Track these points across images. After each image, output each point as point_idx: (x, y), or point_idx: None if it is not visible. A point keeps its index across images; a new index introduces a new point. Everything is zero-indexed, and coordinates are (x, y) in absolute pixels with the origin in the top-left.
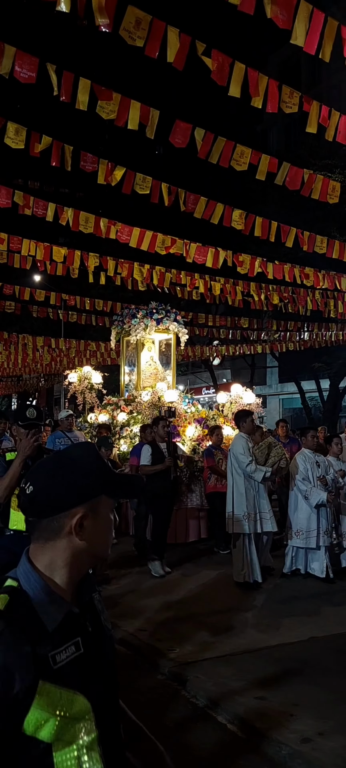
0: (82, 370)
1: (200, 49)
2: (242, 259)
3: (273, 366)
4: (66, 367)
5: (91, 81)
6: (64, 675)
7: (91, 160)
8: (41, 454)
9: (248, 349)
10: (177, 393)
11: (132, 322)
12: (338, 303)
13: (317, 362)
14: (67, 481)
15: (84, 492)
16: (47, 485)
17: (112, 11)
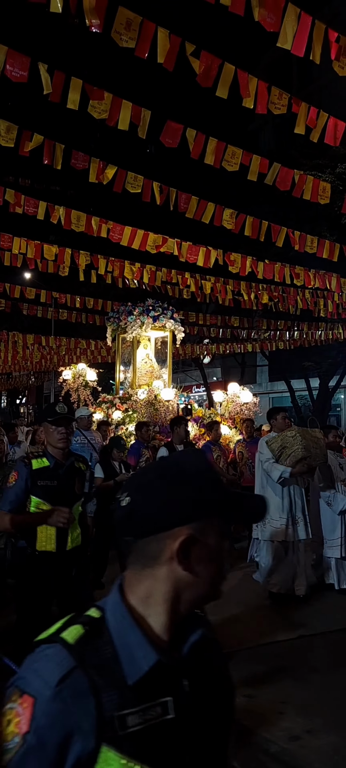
0: (76, 367)
1: (189, 50)
2: (233, 258)
3: (263, 365)
4: (56, 365)
5: (83, 80)
6: (137, 743)
7: (82, 158)
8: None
9: (238, 348)
10: (174, 391)
11: (128, 320)
12: (327, 302)
13: (306, 361)
14: (173, 494)
15: (192, 510)
16: (148, 498)
17: (102, 12)
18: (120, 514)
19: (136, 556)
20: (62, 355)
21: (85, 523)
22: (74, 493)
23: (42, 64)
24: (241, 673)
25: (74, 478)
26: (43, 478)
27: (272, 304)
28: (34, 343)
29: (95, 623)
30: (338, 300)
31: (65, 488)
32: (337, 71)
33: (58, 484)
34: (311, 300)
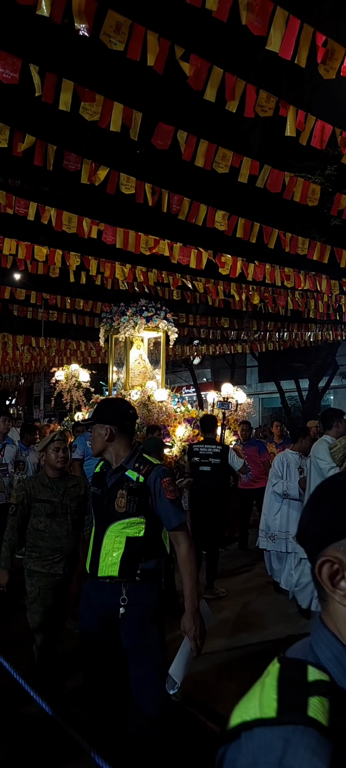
0: (69, 368)
1: (178, 53)
2: (224, 260)
3: (253, 366)
4: (46, 366)
5: (74, 82)
6: None
7: (74, 159)
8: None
9: (228, 349)
10: (167, 392)
11: (121, 320)
12: (318, 303)
13: (296, 362)
14: (332, 508)
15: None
16: (314, 513)
17: (91, 15)
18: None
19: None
20: (52, 356)
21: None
22: (114, 510)
23: (33, 65)
24: (231, 674)
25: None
26: (95, 483)
27: (262, 306)
28: (24, 344)
29: (332, 689)
30: (328, 301)
31: (108, 501)
32: (322, 74)
33: (101, 494)
34: (302, 301)
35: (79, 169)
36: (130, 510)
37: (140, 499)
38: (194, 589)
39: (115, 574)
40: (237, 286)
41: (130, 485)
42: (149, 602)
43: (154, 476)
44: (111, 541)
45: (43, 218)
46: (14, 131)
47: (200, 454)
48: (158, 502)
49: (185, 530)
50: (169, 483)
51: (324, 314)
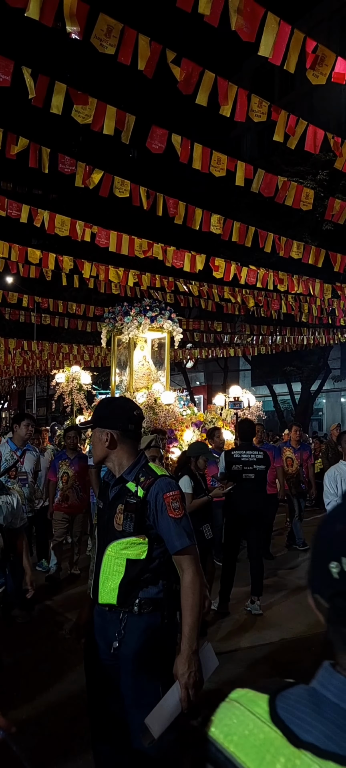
0: (70, 369)
1: (170, 57)
2: (218, 264)
3: (246, 369)
4: (39, 370)
5: (67, 85)
6: None
7: (69, 162)
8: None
9: (221, 353)
10: (174, 395)
11: (125, 320)
12: (311, 307)
13: (288, 366)
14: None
15: None
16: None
17: (83, 19)
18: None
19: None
20: (45, 360)
21: None
22: (113, 527)
23: (26, 68)
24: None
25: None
26: (101, 497)
27: (255, 309)
28: (16, 348)
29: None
30: (321, 305)
31: (108, 517)
32: (311, 80)
33: (103, 508)
34: (295, 305)
35: (74, 172)
36: (127, 529)
37: (138, 516)
38: (194, 627)
39: (114, 601)
40: (230, 289)
41: (128, 499)
42: (147, 638)
43: (155, 490)
44: (110, 563)
45: (36, 221)
46: (7, 133)
47: (242, 461)
48: (160, 520)
49: (190, 556)
50: (174, 498)
51: (317, 318)
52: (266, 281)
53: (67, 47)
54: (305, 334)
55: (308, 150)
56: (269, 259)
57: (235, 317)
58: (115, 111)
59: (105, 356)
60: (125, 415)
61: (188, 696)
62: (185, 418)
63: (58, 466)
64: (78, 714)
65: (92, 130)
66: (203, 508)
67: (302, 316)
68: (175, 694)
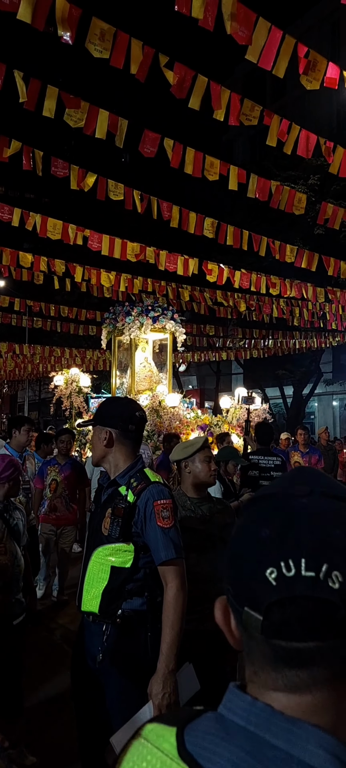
0: (69, 372)
1: (163, 62)
2: (211, 267)
3: (238, 373)
4: (30, 374)
5: (59, 89)
6: None
7: (62, 165)
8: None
9: (213, 356)
10: (179, 397)
11: (126, 320)
12: (302, 311)
13: (280, 369)
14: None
15: None
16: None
17: (74, 24)
18: (329, 602)
19: (338, 665)
20: (36, 364)
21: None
22: (100, 532)
23: (18, 72)
24: None
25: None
26: (94, 500)
27: (247, 313)
28: (7, 352)
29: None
30: (312, 308)
31: (98, 521)
32: (305, 85)
33: (95, 511)
34: (286, 309)
35: (67, 176)
36: (113, 533)
37: (125, 521)
38: (172, 644)
39: (96, 610)
40: (222, 293)
41: (117, 503)
42: (129, 653)
43: (146, 496)
44: (95, 568)
45: (28, 224)
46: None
47: (260, 466)
48: (148, 527)
49: (175, 568)
50: (165, 507)
51: (308, 322)
52: (259, 285)
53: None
54: (297, 338)
55: (300, 154)
56: (261, 263)
57: (227, 321)
58: (107, 115)
59: (97, 360)
60: (127, 415)
61: None
62: (190, 420)
63: (46, 472)
64: (69, 720)
65: (84, 135)
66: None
67: (294, 320)
68: (146, 714)
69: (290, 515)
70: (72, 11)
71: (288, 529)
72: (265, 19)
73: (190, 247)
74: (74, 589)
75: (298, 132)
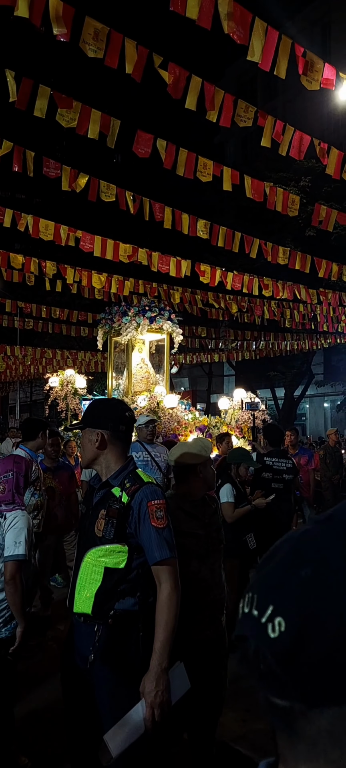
0: (64, 373)
1: (157, 62)
2: (204, 269)
3: (230, 374)
4: (22, 375)
5: (51, 88)
6: None
7: (54, 166)
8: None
9: (205, 358)
10: (177, 398)
11: (123, 321)
12: (293, 313)
13: (272, 371)
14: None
15: None
16: (325, 614)
17: (69, 21)
18: (267, 650)
19: (310, 740)
20: (28, 365)
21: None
22: (93, 533)
23: (9, 71)
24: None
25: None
26: (85, 501)
27: (239, 315)
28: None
29: None
30: (304, 310)
31: (90, 522)
32: (305, 85)
33: (86, 513)
34: (278, 310)
35: (59, 176)
36: (107, 535)
37: (119, 522)
38: (166, 643)
39: (89, 611)
40: (214, 295)
41: (111, 504)
42: (121, 653)
43: (140, 496)
44: (88, 570)
45: (20, 225)
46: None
47: (273, 468)
48: (142, 527)
49: (169, 568)
50: (158, 507)
51: (300, 324)
52: (251, 286)
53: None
54: (288, 340)
55: (294, 156)
56: (253, 265)
57: (219, 323)
58: (100, 115)
59: (89, 362)
60: (117, 416)
61: (153, 716)
62: (188, 422)
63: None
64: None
65: (76, 136)
66: (246, 517)
67: (286, 322)
68: (139, 712)
69: (282, 542)
70: (66, 9)
71: (270, 558)
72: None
73: (181, 249)
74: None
75: (292, 133)
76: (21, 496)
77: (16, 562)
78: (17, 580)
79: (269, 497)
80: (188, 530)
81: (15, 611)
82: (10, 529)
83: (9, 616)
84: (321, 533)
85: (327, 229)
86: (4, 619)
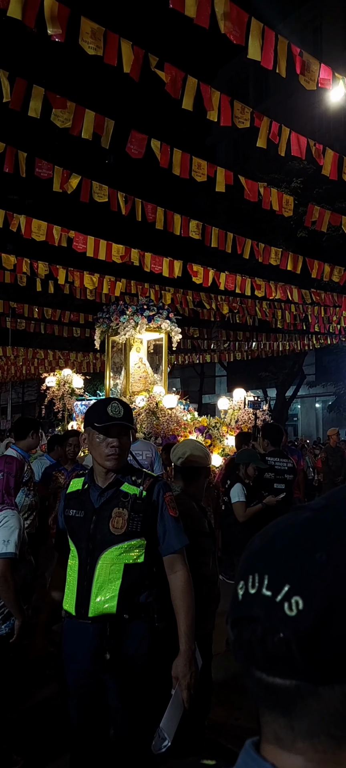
0: (61, 373)
1: (153, 63)
2: (196, 269)
3: (222, 375)
4: (14, 376)
5: (45, 89)
6: None
7: (46, 166)
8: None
9: (197, 359)
10: (176, 399)
11: (120, 320)
12: (285, 313)
13: (264, 371)
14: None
15: None
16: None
17: (64, 21)
18: (286, 633)
19: (315, 717)
20: (20, 366)
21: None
22: (109, 532)
23: (2, 71)
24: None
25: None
26: (73, 505)
27: (231, 315)
28: None
29: None
30: (296, 311)
31: (97, 524)
32: (304, 85)
33: (85, 516)
34: (269, 311)
35: (51, 177)
36: (134, 528)
37: (145, 516)
38: (192, 626)
39: (113, 611)
40: (206, 295)
41: (132, 501)
42: (138, 645)
43: (157, 489)
44: (106, 571)
45: (12, 226)
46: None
47: (275, 469)
48: (160, 519)
49: (183, 555)
50: (172, 499)
51: (291, 324)
52: (244, 287)
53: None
54: (280, 340)
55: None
56: (245, 265)
57: (211, 323)
58: (93, 115)
59: (81, 362)
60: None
61: (190, 696)
62: (187, 422)
63: (52, 477)
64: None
65: (68, 137)
66: (257, 516)
67: (277, 323)
68: (178, 696)
69: (285, 527)
70: (61, 9)
71: (273, 541)
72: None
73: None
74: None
75: (288, 134)
76: (11, 497)
77: (7, 560)
78: (8, 577)
79: (279, 495)
80: (203, 529)
81: (10, 607)
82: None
83: (7, 613)
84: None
85: (321, 229)
86: (3, 616)
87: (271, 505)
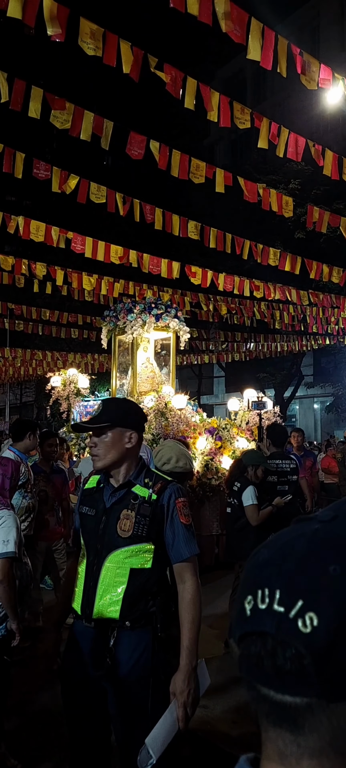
0: (66, 373)
1: (152, 63)
2: (195, 270)
3: (220, 376)
4: (11, 377)
5: (44, 90)
6: None
7: (44, 168)
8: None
9: (195, 359)
10: (185, 399)
11: (128, 318)
12: (283, 314)
13: (262, 372)
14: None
15: None
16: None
17: (64, 21)
18: (299, 645)
19: (324, 734)
20: (18, 367)
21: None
22: (116, 534)
23: (2, 72)
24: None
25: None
26: (87, 502)
27: (228, 316)
28: None
29: None
30: (294, 312)
31: (106, 524)
32: (305, 85)
33: (96, 515)
34: (268, 312)
35: (49, 178)
36: (140, 532)
37: (152, 520)
38: (195, 641)
39: (116, 616)
40: (205, 296)
41: (139, 503)
42: (139, 655)
43: (168, 493)
44: (111, 573)
45: (10, 227)
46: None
47: (278, 471)
48: (169, 525)
49: (194, 565)
50: (184, 505)
51: (289, 325)
52: (242, 288)
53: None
54: (278, 341)
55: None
56: (243, 266)
57: (209, 324)
58: (92, 116)
59: (79, 363)
60: (143, 416)
61: (186, 715)
62: (197, 424)
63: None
64: (50, 725)
65: (66, 138)
66: (269, 518)
67: (275, 323)
68: (173, 713)
69: (293, 538)
70: (61, 10)
71: (283, 555)
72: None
73: (171, 251)
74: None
75: (288, 135)
76: (6, 498)
77: (8, 559)
78: (10, 577)
79: (286, 497)
80: None
81: (8, 609)
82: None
83: (4, 615)
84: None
85: (321, 230)
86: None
87: (279, 507)
